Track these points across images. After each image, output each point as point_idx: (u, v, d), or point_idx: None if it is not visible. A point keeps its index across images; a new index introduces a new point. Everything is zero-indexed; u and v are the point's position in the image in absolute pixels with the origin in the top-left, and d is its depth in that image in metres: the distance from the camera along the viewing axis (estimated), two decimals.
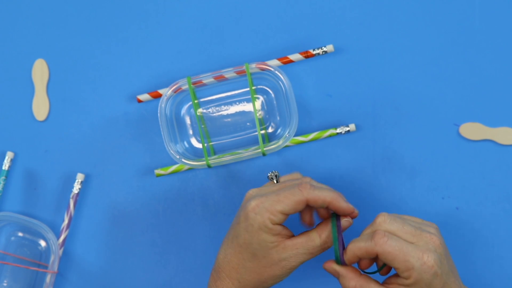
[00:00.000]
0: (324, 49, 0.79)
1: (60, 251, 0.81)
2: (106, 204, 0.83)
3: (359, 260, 0.66)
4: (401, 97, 0.79)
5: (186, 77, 0.78)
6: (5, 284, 0.83)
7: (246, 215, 0.66)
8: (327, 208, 0.67)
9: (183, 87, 0.78)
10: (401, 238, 0.62)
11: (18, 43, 0.84)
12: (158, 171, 0.81)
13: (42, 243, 0.83)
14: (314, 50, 0.79)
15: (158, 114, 0.78)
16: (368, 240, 0.63)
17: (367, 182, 0.78)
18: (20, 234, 0.84)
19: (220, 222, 0.81)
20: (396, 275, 0.64)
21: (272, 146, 0.77)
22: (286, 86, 0.76)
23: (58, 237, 0.82)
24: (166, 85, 0.81)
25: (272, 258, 0.67)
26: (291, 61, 0.79)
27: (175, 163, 0.81)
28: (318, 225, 0.69)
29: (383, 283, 0.65)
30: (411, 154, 0.79)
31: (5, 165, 0.83)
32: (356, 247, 0.64)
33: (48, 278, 0.80)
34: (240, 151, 0.78)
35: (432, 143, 0.78)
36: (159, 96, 0.81)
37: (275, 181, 0.71)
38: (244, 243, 0.67)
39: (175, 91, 0.78)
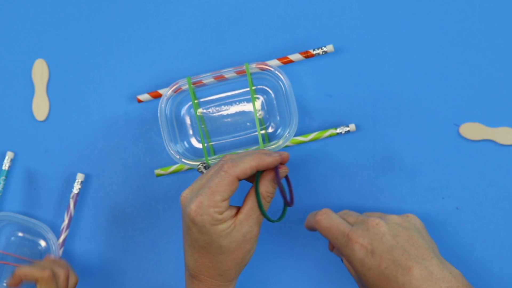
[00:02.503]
0: (324, 49, 0.79)
1: (60, 251, 0.81)
2: (106, 204, 0.83)
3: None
4: (401, 97, 0.79)
5: (186, 77, 0.78)
6: (5, 284, 0.83)
7: (193, 220, 0.67)
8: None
9: (183, 87, 0.78)
10: (340, 218, 0.68)
11: (18, 43, 0.84)
12: (158, 171, 0.81)
13: (42, 243, 0.83)
14: (314, 50, 0.79)
15: (158, 114, 0.78)
16: (313, 216, 0.69)
17: (367, 182, 0.78)
18: (20, 234, 0.84)
19: None
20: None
21: (272, 146, 0.77)
22: (286, 86, 0.76)
23: (58, 237, 0.82)
24: (166, 85, 0.81)
25: (236, 238, 0.67)
26: (291, 61, 0.79)
27: (175, 163, 0.81)
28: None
29: None
30: (411, 154, 0.78)
31: (5, 165, 0.83)
32: (307, 221, 0.71)
33: None
34: (240, 151, 0.78)
35: (432, 143, 0.78)
36: (159, 96, 0.81)
37: (204, 172, 0.71)
38: (206, 243, 0.68)
39: (175, 91, 0.78)
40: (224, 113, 0.81)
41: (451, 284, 0.62)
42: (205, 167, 0.71)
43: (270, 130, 0.80)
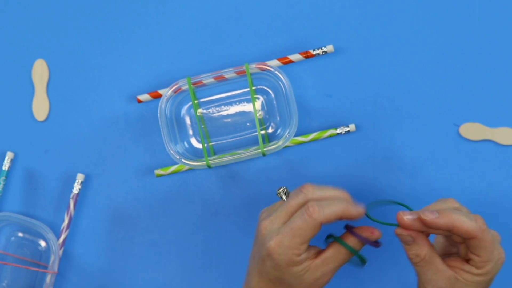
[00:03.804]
0: (324, 49, 0.79)
1: (60, 251, 0.81)
2: (106, 204, 0.83)
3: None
4: (401, 97, 0.79)
5: (186, 77, 0.78)
6: (5, 284, 0.83)
7: (271, 256, 0.65)
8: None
9: (183, 87, 0.78)
10: (492, 231, 0.63)
11: (18, 43, 0.84)
12: (158, 171, 0.81)
13: (42, 243, 0.83)
14: (314, 50, 0.79)
15: (158, 114, 0.78)
16: (472, 221, 0.61)
17: (367, 182, 0.78)
18: (20, 234, 0.84)
19: (220, 222, 0.81)
20: (463, 261, 0.64)
21: (272, 147, 0.77)
22: (286, 86, 0.76)
23: (58, 237, 0.82)
24: (166, 85, 0.81)
25: (307, 281, 0.66)
26: (291, 61, 0.79)
27: (175, 163, 0.81)
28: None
29: (446, 262, 0.64)
30: (411, 154, 0.78)
31: (5, 165, 0.83)
32: (459, 222, 0.61)
33: (48, 278, 0.80)
34: (240, 151, 0.78)
35: (432, 143, 0.78)
36: (159, 96, 0.81)
37: (284, 198, 0.69)
38: (276, 279, 0.66)
39: (175, 91, 0.78)
40: (224, 113, 0.81)
41: None
42: (285, 193, 0.70)
43: (270, 130, 0.80)
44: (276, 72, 0.77)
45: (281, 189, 0.69)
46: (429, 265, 0.63)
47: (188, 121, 0.81)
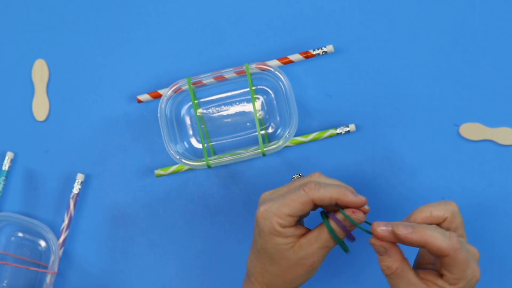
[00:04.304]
0: (324, 49, 0.79)
1: (60, 251, 0.81)
2: (106, 204, 0.83)
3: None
4: (401, 97, 0.79)
5: (186, 77, 0.78)
6: (5, 284, 0.83)
7: (257, 221, 0.66)
8: (336, 205, 0.66)
9: (183, 87, 0.78)
10: (467, 250, 0.62)
11: (18, 43, 0.84)
12: (158, 171, 0.81)
13: (42, 243, 0.83)
14: (314, 50, 0.79)
15: (158, 114, 0.78)
16: (445, 239, 0.60)
17: (367, 182, 0.78)
18: (20, 234, 0.84)
19: (220, 222, 0.81)
20: (436, 276, 0.63)
21: (272, 147, 0.77)
22: (286, 86, 0.76)
23: (58, 237, 0.82)
24: (166, 85, 0.81)
25: (290, 259, 0.66)
26: (291, 61, 0.79)
27: (175, 163, 0.81)
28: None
29: (418, 274, 0.64)
30: (411, 154, 0.78)
31: (5, 165, 0.83)
32: (432, 239, 0.60)
33: (48, 278, 0.80)
34: (240, 151, 0.78)
35: (432, 143, 0.78)
36: (159, 96, 0.81)
37: None
38: (261, 248, 0.67)
39: (175, 91, 0.78)
40: (224, 113, 0.81)
41: None
42: (298, 178, 0.70)
43: (270, 130, 0.80)
44: (276, 72, 0.77)
45: (295, 176, 0.71)
46: (401, 278, 0.63)
47: (188, 121, 0.81)
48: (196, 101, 0.80)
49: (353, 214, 0.65)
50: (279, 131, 0.80)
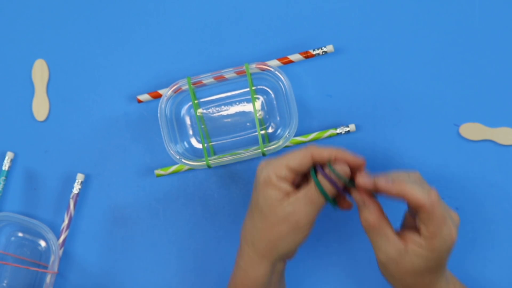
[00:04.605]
0: (324, 49, 0.79)
1: (60, 251, 0.81)
2: (106, 204, 0.83)
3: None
4: (401, 97, 0.79)
5: (186, 77, 0.78)
6: (5, 284, 0.83)
7: (256, 174, 0.68)
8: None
9: (183, 87, 0.78)
10: (445, 207, 0.64)
11: (18, 43, 0.84)
12: (158, 171, 0.81)
13: (42, 243, 0.83)
14: (314, 50, 0.79)
15: (158, 114, 0.78)
16: (423, 192, 0.63)
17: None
18: (20, 234, 0.84)
19: (220, 222, 0.81)
20: (414, 233, 0.64)
21: (272, 147, 0.77)
22: (286, 86, 0.76)
23: (58, 237, 0.82)
24: (166, 85, 0.81)
25: (278, 214, 0.67)
26: (291, 61, 0.79)
27: (175, 163, 0.81)
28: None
29: (399, 234, 0.66)
30: (411, 154, 0.78)
31: (5, 165, 0.83)
32: (411, 191, 0.63)
33: (48, 278, 0.80)
34: (240, 151, 0.78)
35: (432, 143, 0.78)
36: (159, 96, 0.81)
37: None
38: (254, 203, 0.68)
39: (175, 91, 0.78)
40: (224, 113, 0.81)
41: None
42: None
43: (270, 130, 0.80)
44: (276, 72, 0.77)
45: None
46: (379, 233, 0.65)
47: (188, 121, 0.81)
48: (196, 101, 0.80)
49: (337, 166, 0.67)
50: (279, 131, 0.80)
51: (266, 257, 0.69)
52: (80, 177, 0.82)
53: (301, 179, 0.70)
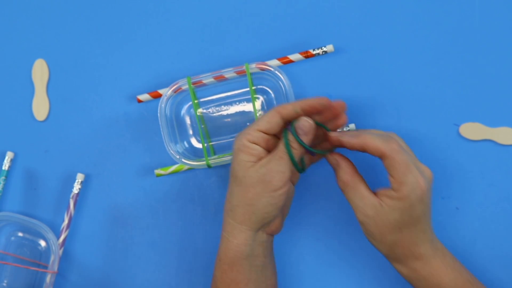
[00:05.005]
0: (324, 49, 0.79)
1: (60, 251, 0.81)
2: (106, 204, 0.83)
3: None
4: (401, 97, 0.79)
5: (186, 77, 0.78)
6: (5, 284, 0.83)
7: (234, 143, 0.70)
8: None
9: (183, 87, 0.78)
10: (409, 156, 0.67)
11: (18, 43, 0.84)
12: (158, 171, 0.81)
13: (42, 243, 0.83)
14: (314, 50, 0.79)
15: (158, 114, 0.78)
16: (384, 141, 0.66)
17: (367, 183, 0.78)
18: (20, 234, 0.84)
19: (220, 222, 0.81)
20: (386, 188, 0.67)
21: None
22: (286, 86, 0.76)
23: (58, 237, 0.82)
24: (166, 85, 0.81)
25: (252, 177, 0.68)
26: (291, 61, 0.79)
27: (175, 163, 0.81)
28: None
29: (375, 192, 0.68)
30: None
31: (5, 165, 0.83)
32: (370, 141, 0.67)
33: (48, 278, 0.80)
34: None
35: (432, 143, 0.78)
36: (159, 96, 0.81)
37: None
38: (231, 171, 0.70)
39: (175, 91, 0.78)
40: (224, 113, 0.81)
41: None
42: None
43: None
44: (276, 72, 0.77)
45: None
46: (354, 191, 0.68)
47: (188, 121, 0.81)
48: (196, 101, 0.80)
49: (301, 120, 0.68)
50: None
51: (244, 223, 0.69)
52: (80, 177, 0.82)
53: (277, 142, 0.71)
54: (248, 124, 0.80)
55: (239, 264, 0.70)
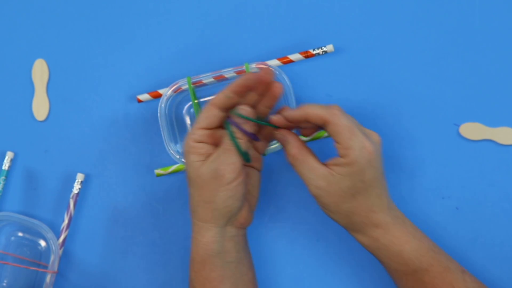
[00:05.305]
0: (324, 49, 0.79)
1: (60, 251, 0.81)
2: (106, 204, 0.83)
3: (302, 127, 0.70)
4: (401, 97, 0.79)
5: (186, 77, 0.78)
6: (5, 284, 0.83)
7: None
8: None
9: (183, 87, 0.78)
10: (352, 120, 0.67)
11: (18, 43, 0.84)
12: (158, 171, 0.81)
13: (42, 243, 0.83)
14: (314, 50, 0.79)
15: (158, 114, 0.78)
16: (325, 108, 0.66)
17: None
18: (20, 234, 0.84)
19: None
20: (335, 157, 0.67)
21: (272, 146, 0.77)
22: (286, 86, 0.76)
23: (58, 237, 0.82)
24: (166, 85, 0.81)
25: (204, 174, 0.68)
26: (291, 61, 0.79)
27: (175, 163, 0.81)
28: None
29: (325, 163, 0.68)
30: (411, 154, 0.78)
31: (5, 165, 0.83)
32: (312, 109, 0.67)
33: (48, 278, 0.80)
34: None
35: (432, 143, 0.78)
36: (159, 96, 0.81)
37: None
38: (186, 175, 0.71)
39: (175, 91, 0.78)
40: None
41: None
42: None
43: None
44: (276, 72, 0.77)
45: None
46: (303, 163, 0.68)
47: (188, 121, 0.81)
48: (196, 101, 0.80)
49: (237, 108, 0.69)
50: None
51: (208, 221, 0.70)
52: (80, 177, 0.82)
53: (224, 134, 0.71)
54: None
55: (210, 262, 0.70)
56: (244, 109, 0.69)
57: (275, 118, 0.70)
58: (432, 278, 0.68)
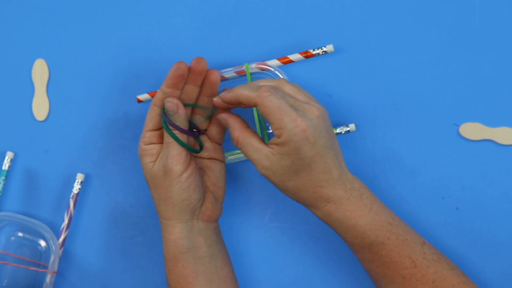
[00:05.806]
0: (324, 49, 0.79)
1: (60, 251, 0.81)
2: (106, 204, 0.83)
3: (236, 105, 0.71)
4: (401, 97, 0.79)
5: None
6: (5, 284, 0.83)
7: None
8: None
9: None
10: (283, 99, 0.66)
11: (18, 43, 0.84)
12: None
13: (42, 243, 0.83)
14: (314, 50, 0.79)
15: None
16: (253, 90, 0.67)
17: (367, 182, 0.78)
18: (20, 234, 0.84)
19: (220, 221, 0.81)
20: (274, 137, 0.67)
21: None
22: None
23: (58, 237, 0.82)
24: None
25: (156, 173, 0.71)
26: (291, 61, 0.79)
27: None
28: None
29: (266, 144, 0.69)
30: (411, 154, 0.78)
31: (5, 165, 0.83)
32: (240, 92, 0.68)
33: (48, 278, 0.80)
34: (239, 151, 0.78)
35: (432, 143, 0.78)
36: None
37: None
38: (146, 179, 0.73)
39: None
40: None
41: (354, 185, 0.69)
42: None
43: (270, 130, 0.80)
44: (276, 72, 0.77)
45: None
46: (247, 145, 0.69)
47: None
48: None
49: (164, 102, 0.71)
50: None
51: (171, 217, 0.72)
52: (80, 177, 0.82)
53: None
54: None
55: (182, 258, 0.72)
56: (170, 101, 0.70)
57: (214, 100, 0.72)
58: (389, 251, 0.68)
